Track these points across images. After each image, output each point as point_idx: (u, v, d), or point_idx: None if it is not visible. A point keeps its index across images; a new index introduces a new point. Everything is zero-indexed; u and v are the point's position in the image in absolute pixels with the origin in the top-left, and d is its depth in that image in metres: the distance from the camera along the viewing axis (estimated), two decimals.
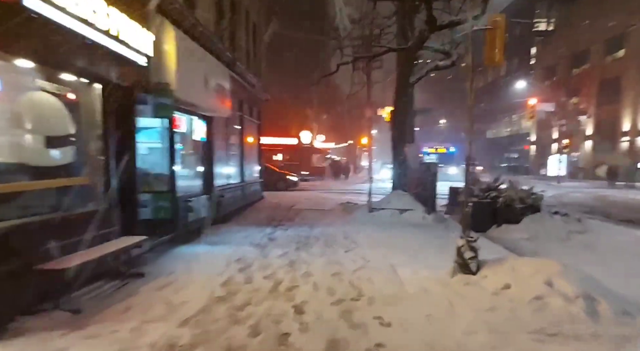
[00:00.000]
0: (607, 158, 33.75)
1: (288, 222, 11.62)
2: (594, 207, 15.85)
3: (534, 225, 10.61)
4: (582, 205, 15.82)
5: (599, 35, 37.35)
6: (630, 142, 33.60)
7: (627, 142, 33.96)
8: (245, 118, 15.14)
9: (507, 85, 55.33)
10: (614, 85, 35.84)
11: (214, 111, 10.62)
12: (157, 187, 9.01)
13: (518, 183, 11.56)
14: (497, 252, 8.01)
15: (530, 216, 10.95)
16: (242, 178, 14.60)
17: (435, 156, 35.66)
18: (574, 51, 40.92)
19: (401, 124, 13.32)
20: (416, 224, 11.37)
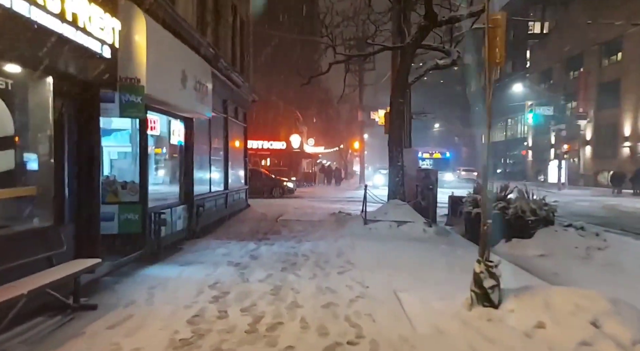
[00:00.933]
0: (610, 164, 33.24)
1: (274, 236, 10.67)
2: (605, 217, 15.08)
3: (548, 240, 9.77)
4: (592, 215, 15.05)
5: (595, 38, 36.94)
6: (632, 147, 33.09)
7: (629, 147, 33.46)
8: (230, 120, 14.19)
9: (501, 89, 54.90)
10: (613, 89, 35.41)
11: (193, 112, 9.66)
12: (125, 197, 8.05)
13: (528, 192, 10.70)
14: (513, 272, 7.13)
15: (543, 229, 10.11)
16: (226, 186, 13.63)
17: (430, 161, 34.88)
18: (570, 54, 40.52)
19: (398, 127, 12.46)
20: (417, 238, 10.47)
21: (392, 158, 12.41)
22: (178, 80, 8.43)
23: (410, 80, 12.68)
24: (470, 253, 8.96)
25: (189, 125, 10.18)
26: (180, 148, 10.05)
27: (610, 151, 35.40)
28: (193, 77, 9.16)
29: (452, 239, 10.76)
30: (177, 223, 9.40)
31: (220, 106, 13.18)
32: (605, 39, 36.19)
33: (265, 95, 28.09)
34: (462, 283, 6.49)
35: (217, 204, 12.51)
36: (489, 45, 15.93)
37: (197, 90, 9.52)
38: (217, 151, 13.22)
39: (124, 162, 8.80)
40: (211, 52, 11.02)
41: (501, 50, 16.26)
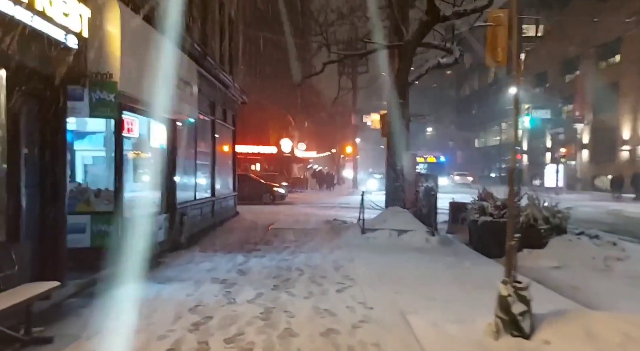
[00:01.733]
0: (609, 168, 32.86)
1: (265, 246, 9.94)
2: (614, 224, 14.50)
3: (562, 250, 9.13)
4: (599, 222, 14.45)
5: (591, 41, 36.66)
6: (631, 151, 32.71)
7: (628, 151, 33.08)
8: (218, 123, 13.46)
9: (495, 92, 54.66)
10: (610, 92, 35.07)
11: (177, 113, 8.92)
12: (98, 206, 7.30)
13: (540, 199, 10.06)
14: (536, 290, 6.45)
15: (556, 239, 9.48)
16: (213, 192, 12.88)
17: (425, 166, 34.21)
18: (566, 57, 40.23)
19: (398, 129, 11.79)
20: (419, 249, 9.79)
21: (391, 162, 11.73)
22: (159, 78, 7.68)
23: (411, 79, 12.02)
24: (479, 266, 8.32)
25: (172, 127, 9.45)
26: (162, 153, 9.31)
27: (608, 155, 35.02)
28: (176, 75, 8.43)
29: (457, 249, 10.09)
30: (158, 234, 8.65)
31: (207, 108, 12.47)
32: (602, 42, 35.89)
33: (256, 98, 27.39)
34: (475, 302, 5.82)
35: (203, 212, 11.77)
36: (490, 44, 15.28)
37: (181, 89, 8.81)
38: (204, 155, 12.48)
39: (98, 168, 8.06)
40: (197, 50, 10.32)
41: (503, 49, 15.55)
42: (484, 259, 9.12)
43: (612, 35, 34.44)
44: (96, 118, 6.77)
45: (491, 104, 56.62)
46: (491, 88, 57.08)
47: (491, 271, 7.85)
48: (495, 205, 10.19)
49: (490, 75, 58.47)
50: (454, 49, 12.26)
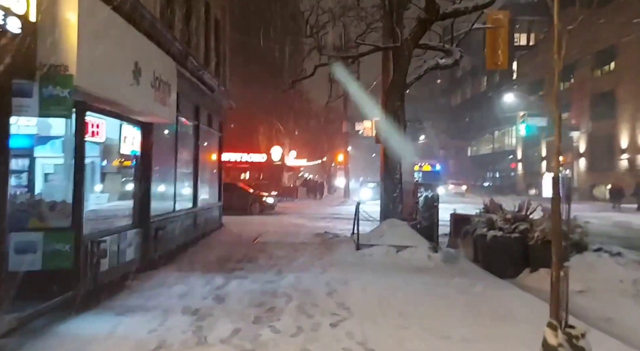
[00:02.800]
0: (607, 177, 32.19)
1: (249, 265, 8.92)
2: (626, 238, 13.63)
3: (584, 271, 8.16)
4: (609, 235, 13.60)
5: (587, 48, 36.16)
6: (631, 160, 32.10)
7: (627, 159, 32.48)
8: (202, 129, 12.47)
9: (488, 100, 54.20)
10: (607, 99, 34.57)
11: (151, 114, 7.90)
12: (53, 221, 6.26)
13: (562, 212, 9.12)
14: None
15: (576, 257, 8.54)
16: (195, 203, 11.84)
17: (419, 174, 33.19)
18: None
19: (394, 135, 10.88)
20: (422, 268, 8.83)
21: (389, 170, 10.78)
22: (128, 74, 6.71)
23: (409, 81, 11.12)
24: (492, 289, 7.36)
25: (148, 131, 8.44)
26: (136, 160, 8.30)
27: (606, 164, 34.41)
28: (150, 72, 7.45)
29: (464, 268, 9.13)
30: (126, 252, 7.61)
31: (190, 112, 11.49)
32: (597, 49, 35.42)
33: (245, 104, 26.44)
34: (501, 341, 4.85)
35: (183, 225, 10.73)
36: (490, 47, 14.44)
37: (157, 89, 7.79)
38: (185, 163, 11.48)
39: (55, 177, 7.03)
40: (178, 48, 9.34)
41: (504, 52, 14.68)
42: (496, 280, 8.18)
43: (607, 43, 33.98)
44: (47, 117, 5.77)
45: (483, 112, 56.12)
46: (483, 96, 56.64)
47: (509, 297, 6.95)
48: (505, 218, 9.26)
49: (482, 84, 58.08)
50: (454, 50, 11.40)
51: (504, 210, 9.71)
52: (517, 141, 48.49)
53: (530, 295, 7.08)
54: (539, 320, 5.75)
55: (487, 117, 53.87)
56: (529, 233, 8.87)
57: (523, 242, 8.89)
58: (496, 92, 50.04)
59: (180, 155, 10.77)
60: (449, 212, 12.39)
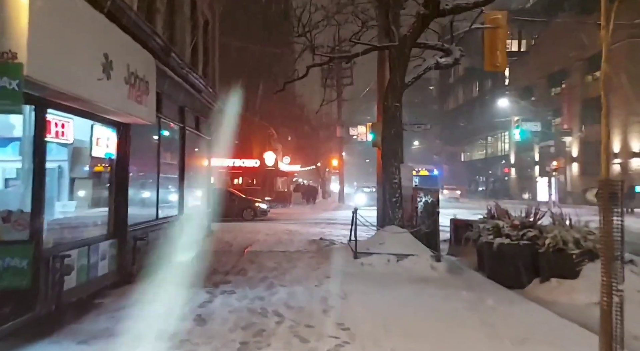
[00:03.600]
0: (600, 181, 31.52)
1: (237, 277, 8.03)
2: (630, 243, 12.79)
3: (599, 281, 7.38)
4: None
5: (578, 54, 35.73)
6: (623, 164, 31.53)
7: (619, 164, 31.90)
8: (189, 131, 11.58)
9: (481, 106, 53.69)
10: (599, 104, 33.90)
11: (127, 114, 7.02)
12: (8, 234, 5.36)
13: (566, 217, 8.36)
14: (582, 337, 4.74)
15: (589, 266, 7.72)
16: (181, 210, 10.94)
17: (417, 179, 32.24)
18: (552, 70, 39.29)
19: (394, 136, 10.07)
20: (425, 279, 8.00)
21: (388, 174, 9.94)
22: (96, 66, 5.83)
23: (407, 81, 10.31)
24: (505, 304, 6.52)
25: (124, 133, 7.55)
26: (110, 163, 7.41)
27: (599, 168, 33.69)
28: (124, 67, 6.56)
29: (470, 279, 8.31)
30: (98, 266, 6.71)
31: (175, 113, 10.61)
32: (589, 54, 34.94)
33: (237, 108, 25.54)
34: None
35: (167, 234, 9.80)
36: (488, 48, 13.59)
37: (133, 85, 6.91)
38: (170, 168, 10.58)
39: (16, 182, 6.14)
40: (158, 43, 8.46)
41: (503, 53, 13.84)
42: (506, 293, 7.36)
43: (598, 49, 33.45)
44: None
45: (476, 118, 55.64)
46: (476, 102, 56.14)
47: (525, 313, 6.14)
48: (513, 224, 8.45)
49: (475, 90, 57.61)
50: (454, 49, 10.63)
51: (510, 215, 8.89)
52: (510, 146, 47.96)
53: (547, 311, 6.27)
54: (565, 344, 4.96)
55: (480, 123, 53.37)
56: (538, 240, 8.08)
57: (532, 250, 8.09)
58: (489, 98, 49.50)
59: (164, 159, 9.89)
60: (445, 217, 11.58)
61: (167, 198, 10.45)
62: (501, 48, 14.20)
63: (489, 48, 14.12)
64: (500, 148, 52.02)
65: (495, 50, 14.25)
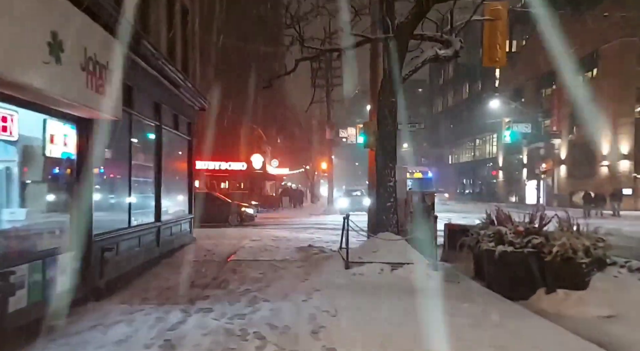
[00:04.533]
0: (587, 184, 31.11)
1: (217, 292, 7.14)
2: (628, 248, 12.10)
3: (611, 291, 6.68)
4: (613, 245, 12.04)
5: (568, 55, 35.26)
6: (610, 166, 31.09)
7: (607, 166, 31.47)
8: (166, 130, 10.69)
9: (469, 108, 53.24)
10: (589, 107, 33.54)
11: (86, 107, 6.07)
12: None
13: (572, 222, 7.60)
14: None
15: (598, 275, 7.03)
16: (158, 216, 10.03)
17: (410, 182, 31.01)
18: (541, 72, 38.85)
19: (390, 135, 9.26)
20: (422, 289, 7.19)
21: (382, 176, 9.11)
22: (41, 46, 4.88)
23: (404, 74, 9.50)
24: (513, 319, 5.71)
25: (86, 129, 6.66)
26: (71, 164, 6.50)
27: (586, 171, 33.38)
28: (80, 50, 5.60)
29: (469, 289, 7.53)
30: (56, 283, 5.81)
31: (149, 109, 9.72)
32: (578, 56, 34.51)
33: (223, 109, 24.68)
34: None
35: (141, 243, 8.91)
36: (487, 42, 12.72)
37: (92, 73, 5.96)
38: (145, 170, 9.69)
39: None
40: (127, 28, 7.53)
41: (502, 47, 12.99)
42: (511, 306, 6.59)
43: (588, 50, 33.11)
44: None
45: (464, 121, 55.23)
46: (465, 104, 55.69)
47: (536, 330, 5.43)
48: (517, 230, 7.66)
49: (464, 92, 57.19)
50: (453, 40, 9.87)
51: (513, 221, 8.11)
52: (497, 148, 47.51)
53: (561, 329, 5.51)
54: None
55: (468, 125, 52.94)
56: (544, 248, 7.30)
57: (537, 259, 7.32)
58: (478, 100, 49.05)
59: (137, 161, 8.99)
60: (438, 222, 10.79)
61: (142, 204, 9.55)
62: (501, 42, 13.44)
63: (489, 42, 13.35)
64: (488, 151, 51.59)
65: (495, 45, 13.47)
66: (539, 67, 38.35)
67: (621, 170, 30.76)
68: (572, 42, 33.13)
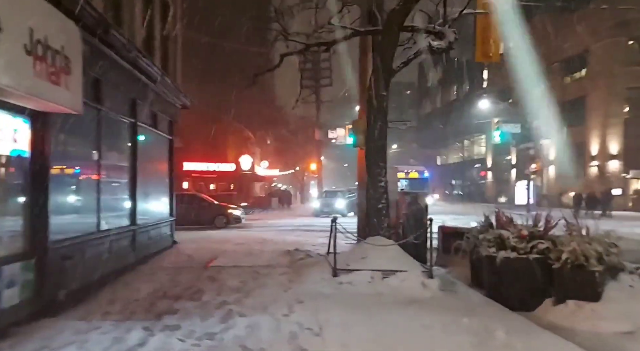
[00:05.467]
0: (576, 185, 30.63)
1: (188, 304, 6.32)
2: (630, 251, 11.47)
3: (628, 302, 5.97)
4: None
5: (556, 56, 34.88)
6: (601, 166, 30.63)
7: (596, 166, 31.01)
8: (143, 128, 9.89)
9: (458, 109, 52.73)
10: (577, 106, 33.14)
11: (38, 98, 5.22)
12: None
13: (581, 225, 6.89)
14: None
15: (612, 284, 6.29)
16: (133, 220, 9.20)
17: (406, 182, 28.61)
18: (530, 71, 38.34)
19: (380, 132, 8.50)
20: (417, 300, 6.44)
21: (373, 176, 8.34)
22: None
23: (396, 67, 8.74)
24: (522, 336, 4.94)
25: (42, 124, 5.83)
26: (22, 162, 5.67)
27: (576, 171, 32.92)
28: (24, 31, 4.75)
29: (467, 299, 6.79)
30: (1, 297, 4.98)
31: (124, 106, 8.92)
32: (567, 56, 34.10)
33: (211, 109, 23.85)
34: None
35: (113, 248, 8.07)
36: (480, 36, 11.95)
37: (42, 59, 5.08)
38: (117, 170, 8.87)
39: None
40: (90, 13, 6.68)
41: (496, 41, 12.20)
42: (516, 319, 5.87)
43: (577, 49, 32.65)
44: None
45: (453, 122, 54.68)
46: (453, 105, 55.18)
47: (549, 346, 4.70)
48: (521, 234, 6.94)
49: (452, 93, 56.70)
50: (447, 31, 9.14)
51: (516, 224, 7.39)
52: (486, 149, 47.04)
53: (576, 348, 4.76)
54: None
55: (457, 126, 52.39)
56: (551, 253, 6.59)
57: (543, 266, 6.60)
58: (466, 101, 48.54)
59: (107, 160, 8.15)
60: None
61: (115, 206, 8.72)
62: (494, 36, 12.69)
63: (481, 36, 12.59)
64: (476, 152, 51.11)
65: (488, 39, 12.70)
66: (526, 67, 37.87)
67: (611, 170, 30.29)
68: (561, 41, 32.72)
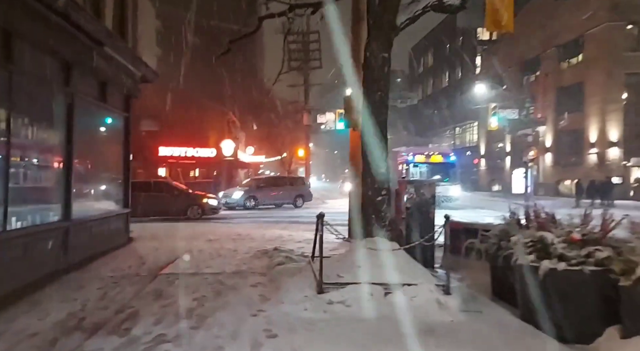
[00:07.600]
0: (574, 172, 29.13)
1: (107, 340, 4.37)
2: None
3: None
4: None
5: (551, 41, 33.20)
6: (599, 154, 29.08)
7: (595, 154, 29.46)
8: (83, 101, 7.85)
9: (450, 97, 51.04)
10: (574, 93, 31.52)
11: None
12: None
13: None
14: None
15: None
16: (67, 214, 7.21)
17: (425, 168, 23.21)
18: (524, 58, 36.72)
19: (378, 106, 6.55)
20: (434, 329, 4.61)
21: (373, 160, 6.34)
22: None
23: (399, 23, 6.78)
24: None
25: None
26: None
27: (573, 158, 31.39)
28: None
29: (500, 324, 4.95)
30: None
31: (51, 70, 6.90)
32: (563, 41, 32.42)
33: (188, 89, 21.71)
34: None
35: (30, 253, 6.10)
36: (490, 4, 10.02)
37: None
38: (40, 151, 6.85)
39: None
40: None
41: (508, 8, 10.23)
42: None
43: (573, 34, 30.98)
44: None
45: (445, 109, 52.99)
46: (445, 92, 53.42)
47: None
48: (572, 238, 5.08)
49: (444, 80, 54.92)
50: None
51: (559, 224, 5.55)
52: (479, 137, 45.42)
53: None
54: None
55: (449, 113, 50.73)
56: (613, 264, 4.76)
57: (605, 281, 4.76)
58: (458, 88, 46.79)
59: (24, 138, 6.14)
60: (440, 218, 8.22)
61: (38, 197, 6.73)
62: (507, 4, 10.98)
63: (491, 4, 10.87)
64: (468, 139, 49.51)
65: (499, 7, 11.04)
66: (522, 53, 36.21)
67: (611, 158, 28.77)
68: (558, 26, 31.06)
